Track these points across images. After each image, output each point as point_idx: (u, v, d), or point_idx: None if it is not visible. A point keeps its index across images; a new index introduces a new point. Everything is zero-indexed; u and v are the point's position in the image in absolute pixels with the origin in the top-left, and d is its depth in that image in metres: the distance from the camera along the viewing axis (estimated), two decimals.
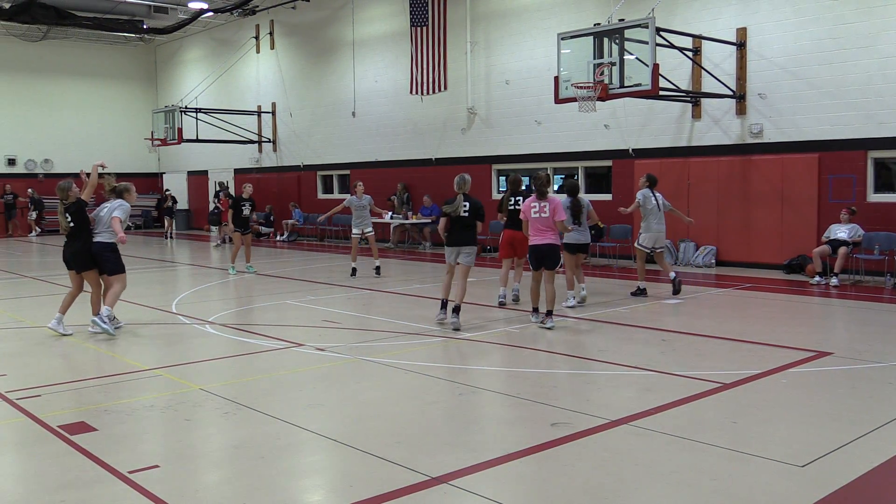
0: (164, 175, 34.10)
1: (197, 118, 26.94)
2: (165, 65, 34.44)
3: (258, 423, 6.05)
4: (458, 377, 7.40)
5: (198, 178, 31.95)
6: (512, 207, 11.50)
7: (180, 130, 26.45)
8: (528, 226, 10.00)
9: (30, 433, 5.90)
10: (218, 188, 27.70)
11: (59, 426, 5.94)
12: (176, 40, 32.69)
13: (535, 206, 9.87)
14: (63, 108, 32.34)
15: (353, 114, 24.61)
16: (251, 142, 28.41)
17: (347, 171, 25.38)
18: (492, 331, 9.67)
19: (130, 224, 32.96)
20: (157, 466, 5.13)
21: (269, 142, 28.40)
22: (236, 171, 30.15)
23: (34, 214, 30.57)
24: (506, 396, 6.72)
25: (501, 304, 11.68)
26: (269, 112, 28.36)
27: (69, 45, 31.61)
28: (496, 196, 20.79)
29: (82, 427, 5.92)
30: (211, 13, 27.74)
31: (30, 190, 30.73)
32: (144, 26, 29.11)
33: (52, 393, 7.01)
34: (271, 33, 27.98)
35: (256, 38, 28.55)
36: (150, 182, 34.33)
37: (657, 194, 12.60)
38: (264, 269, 15.53)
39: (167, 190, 30.90)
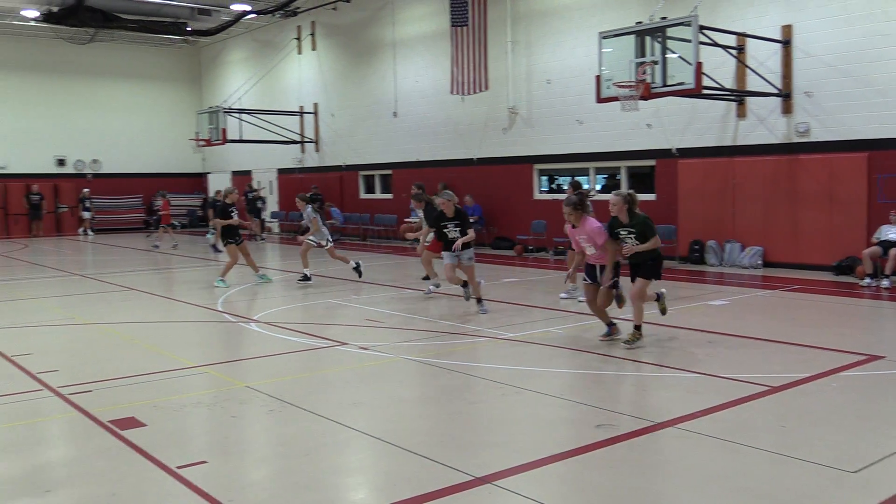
0: (208, 175, 34.56)
1: (240, 119, 27.26)
2: (209, 66, 34.90)
3: (303, 420, 6.10)
4: (502, 377, 7.38)
5: (242, 179, 32.28)
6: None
7: (224, 131, 26.79)
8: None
9: (81, 428, 6.02)
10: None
11: (109, 421, 6.06)
12: (219, 42, 33.10)
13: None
14: (110, 110, 32.93)
15: (395, 114, 24.70)
16: (294, 142, 28.65)
17: (389, 171, 25.48)
18: (534, 331, 9.64)
19: (177, 223, 33.48)
20: (204, 462, 5.20)
21: (312, 142, 28.63)
22: (279, 170, 30.44)
23: (88, 214, 31.09)
24: (549, 397, 6.70)
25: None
26: (311, 112, 28.59)
27: (116, 48, 32.16)
28: (537, 196, 20.76)
29: (132, 422, 6.03)
30: (253, 15, 28.03)
31: (86, 190, 31.25)
32: (188, 28, 29.52)
33: (103, 388, 7.14)
34: (313, 34, 28.20)
35: (298, 39, 28.80)
36: (195, 182, 34.81)
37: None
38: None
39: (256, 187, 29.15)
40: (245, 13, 27.72)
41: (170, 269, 18.53)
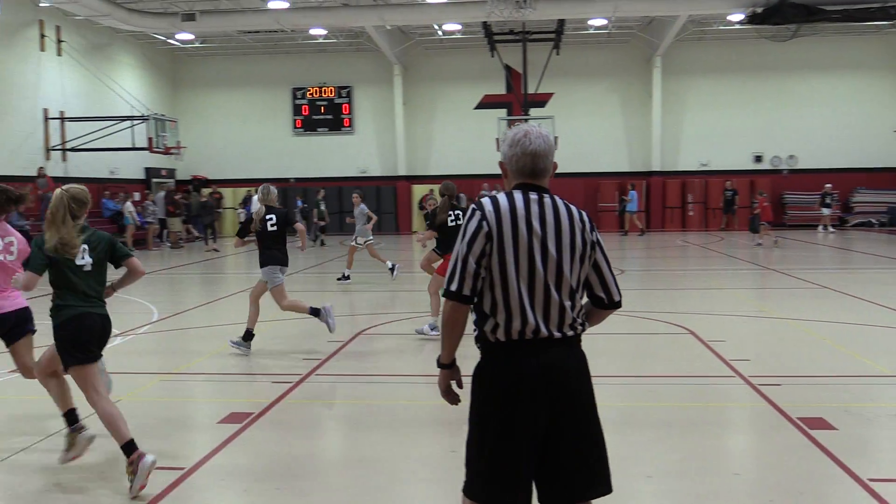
0: None
1: None
2: None
3: None
4: None
5: None
6: (453, 223, 9.63)
7: None
8: None
9: (768, 420, 6.09)
10: None
11: (798, 418, 5.98)
12: None
13: None
14: (805, 104, 32.41)
15: None
16: None
17: None
18: None
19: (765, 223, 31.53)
20: None
21: None
22: None
23: (827, 210, 31.08)
24: None
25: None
26: None
27: (812, 41, 31.42)
28: None
29: (821, 423, 5.86)
30: None
31: (828, 185, 31.58)
32: None
33: (793, 385, 7.10)
34: None
35: None
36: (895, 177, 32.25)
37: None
38: None
39: None
40: None
41: (865, 269, 17.52)
